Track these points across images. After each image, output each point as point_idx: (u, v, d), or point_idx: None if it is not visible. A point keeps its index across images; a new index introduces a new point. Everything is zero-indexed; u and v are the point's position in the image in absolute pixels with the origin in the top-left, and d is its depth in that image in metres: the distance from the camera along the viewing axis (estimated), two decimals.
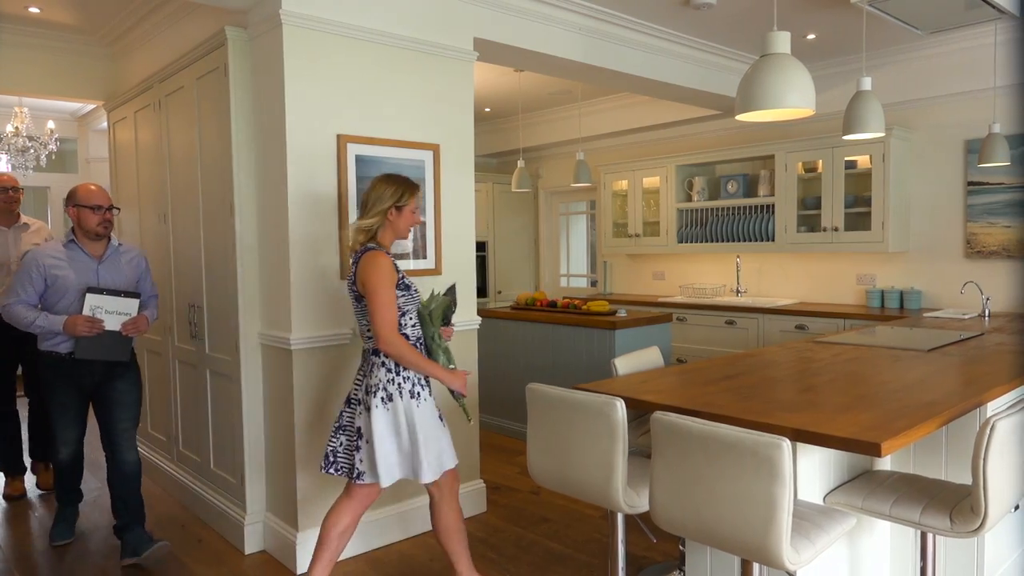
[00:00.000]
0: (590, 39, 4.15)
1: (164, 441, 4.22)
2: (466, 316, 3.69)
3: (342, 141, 3.17)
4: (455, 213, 3.63)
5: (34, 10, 4.05)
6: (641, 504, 2.12)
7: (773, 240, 5.59)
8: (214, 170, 3.44)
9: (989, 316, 4.44)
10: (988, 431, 1.90)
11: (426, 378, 2.60)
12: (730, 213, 5.96)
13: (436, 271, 3.54)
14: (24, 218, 4.13)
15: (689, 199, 6.24)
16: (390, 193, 2.56)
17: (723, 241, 5.91)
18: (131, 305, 3.16)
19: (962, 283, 4.79)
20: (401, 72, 3.38)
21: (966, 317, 4.40)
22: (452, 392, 2.68)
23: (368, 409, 2.51)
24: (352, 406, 2.61)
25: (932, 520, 2.02)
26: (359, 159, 3.24)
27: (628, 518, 2.46)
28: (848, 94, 5.25)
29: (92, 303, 3.07)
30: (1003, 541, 2.66)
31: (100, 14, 4.17)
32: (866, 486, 2.25)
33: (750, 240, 5.73)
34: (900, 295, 5.11)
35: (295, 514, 3.14)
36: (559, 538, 3.44)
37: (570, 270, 8.13)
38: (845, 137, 3.09)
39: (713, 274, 6.39)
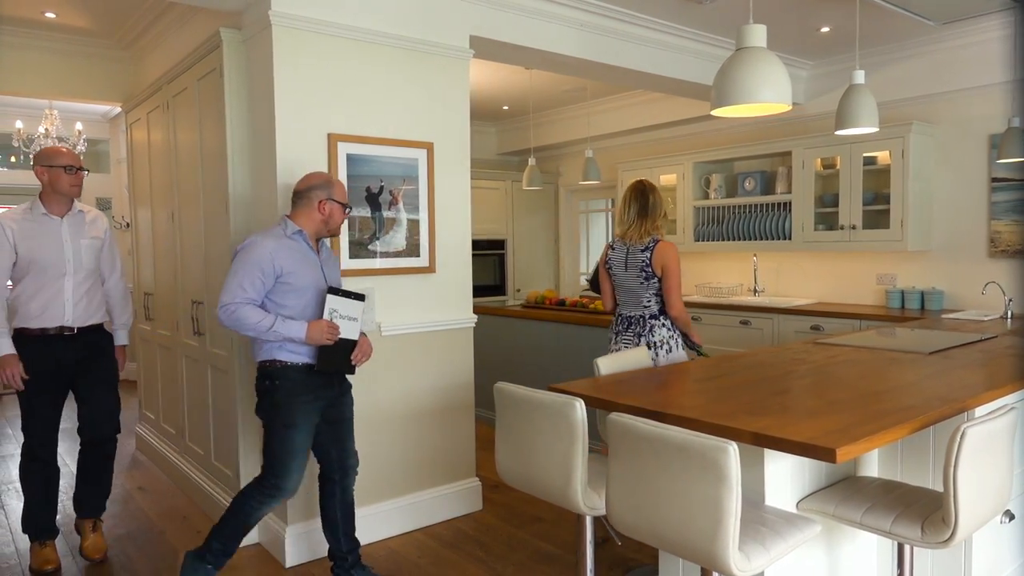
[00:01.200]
0: (591, 35, 4.10)
1: (173, 434, 4.33)
2: (461, 315, 3.70)
3: (332, 140, 3.20)
4: (449, 211, 3.64)
5: (50, 15, 4.19)
6: (601, 506, 2.09)
7: (790, 239, 5.46)
8: (213, 170, 3.51)
9: (1011, 318, 4.26)
10: (958, 438, 1.82)
11: None
12: (747, 211, 5.84)
13: (430, 269, 3.55)
14: (78, 204, 3.24)
15: (706, 196, 6.13)
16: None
17: (740, 239, 5.80)
18: (358, 309, 2.75)
19: (985, 283, 4.61)
20: (394, 71, 3.40)
21: (986, 319, 4.23)
22: (694, 345, 3.47)
23: (654, 360, 3.26)
24: None
25: (903, 529, 1.95)
26: (350, 158, 3.27)
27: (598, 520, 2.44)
28: (869, 88, 5.12)
29: (331, 306, 2.65)
30: (999, 551, 2.55)
31: (112, 18, 4.29)
32: (843, 492, 2.18)
33: (767, 239, 5.60)
34: (921, 296, 4.94)
35: (284, 508, 3.18)
36: (550, 538, 3.42)
37: (590, 268, 8.07)
38: (837, 132, 3.00)
39: (731, 273, 6.27)
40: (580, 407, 2.05)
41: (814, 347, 3.27)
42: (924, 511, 1.99)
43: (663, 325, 3.35)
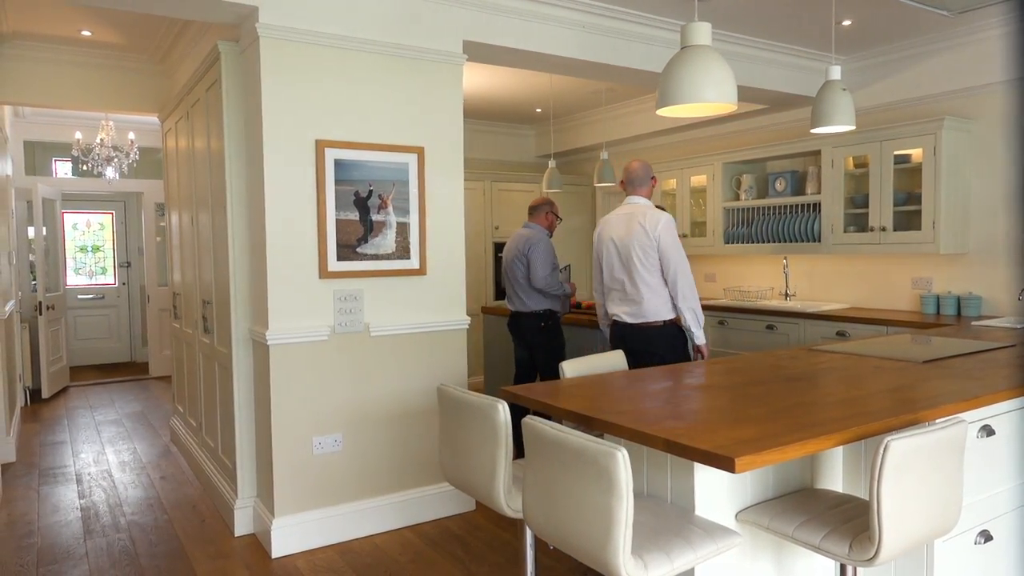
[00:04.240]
0: (591, 35, 4.05)
1: (195, 426, 4.56)
2: (453, 317, 3.74)
3: (320, 146, 3.31)
4: (441, 214, 3.68)
5: (86, 33, 4.49)
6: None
7: (819, 240, 5.25)
8: (218, 176, 3.68)
9: None
10: (881, 451, 1.73)
11: None
12: (777, 212, 5.65)
13: (420, 271, 3.61)
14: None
15: (737, 198, 5.96)
16: None
17: (770, 242, 5.61)
18: None
19: (1022, 289, 4.30)
20: (384, 78, 3.48)
21: (1019, 327, 3.95)
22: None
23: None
24: None
25: (831, 545, 1.87)
26: (338, 163, 3.37)
27: None
28: (896, 84, 4.88)
29: None
30: (978, 573, 2.39)
31: (141, 34, 4.56)
32: (786, 505, 2.10)
33: (796, 240, 5.41)
34: (957, 301, 4.66)
35: (272, 501, 3.31)
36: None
37: None
38: (813, 131, 2.87)
39: (762, 276, 6.07)
40: (503, 409, 2.06)
41: (805, 353, 3.15)
42: (860, 527, 1.89)
43: None
